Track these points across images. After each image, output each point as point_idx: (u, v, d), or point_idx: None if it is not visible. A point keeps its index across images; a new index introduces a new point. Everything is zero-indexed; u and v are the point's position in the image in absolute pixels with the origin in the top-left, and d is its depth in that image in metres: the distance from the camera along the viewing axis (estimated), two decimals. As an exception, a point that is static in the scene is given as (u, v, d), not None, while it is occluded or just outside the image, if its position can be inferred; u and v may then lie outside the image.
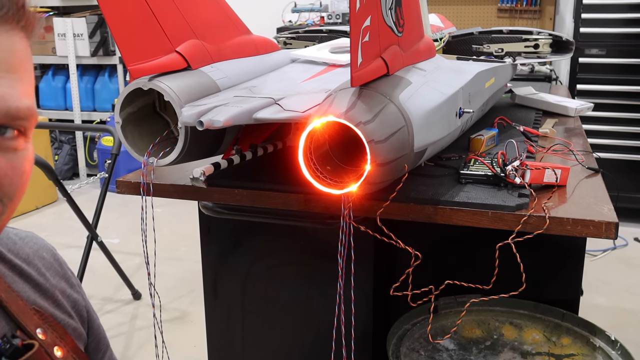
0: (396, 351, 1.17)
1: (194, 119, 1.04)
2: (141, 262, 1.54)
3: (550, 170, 1.14)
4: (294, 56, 1.51)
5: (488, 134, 1.42)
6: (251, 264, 1.50)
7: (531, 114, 1.83)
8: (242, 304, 1.53)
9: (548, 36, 1.79)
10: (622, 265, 3.27)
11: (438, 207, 1.08)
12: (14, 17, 0.50)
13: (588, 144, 1.54)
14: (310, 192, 1.04)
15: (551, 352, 1.20)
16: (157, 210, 1.19)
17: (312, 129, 0.97)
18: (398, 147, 0.96)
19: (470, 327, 1.27)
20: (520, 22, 4.15)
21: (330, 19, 4.42)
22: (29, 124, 0.55)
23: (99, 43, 4.81)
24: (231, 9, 1.37)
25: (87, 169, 5.09)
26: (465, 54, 1.82)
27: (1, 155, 0.53)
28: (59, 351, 0.65)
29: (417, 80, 1.09)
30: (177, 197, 1.24)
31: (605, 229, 1.01)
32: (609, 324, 1.28)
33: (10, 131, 0.53)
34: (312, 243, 1.42)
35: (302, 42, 2.01)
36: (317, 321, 1.32)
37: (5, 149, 0.53)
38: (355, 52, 0.91)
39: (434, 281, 1.09)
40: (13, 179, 0.54)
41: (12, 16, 0.50)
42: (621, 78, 3.64)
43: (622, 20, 3.61)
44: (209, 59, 1.25)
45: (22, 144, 0.55)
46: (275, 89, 1.23)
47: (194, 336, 2.60)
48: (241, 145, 1.22)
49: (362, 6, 0.92)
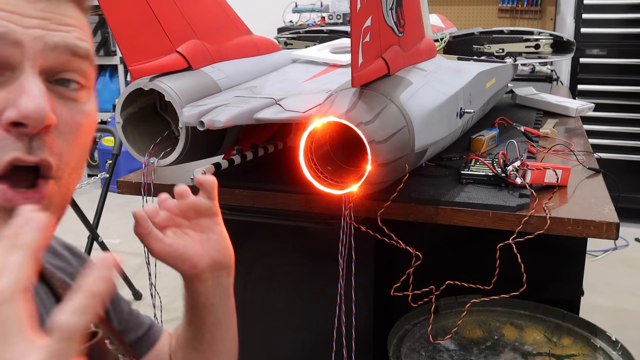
0: (397, 351, 1.17)
1: (194, 119, 1.04)
2: (142, 262, 1.55)
3: (551, 170, 1.14)
4: (294, 56, 1.51)
5: (489, 134, 1.42)
6: (252, 264, 1.50)
7: (532, 114, 1.83)
8: (243, 304, 1.52)
9: (549, 36, 1.79)
10: (623, 266, 3.26)
11: (439, 208, 1.08)
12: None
13: (589, 144, 1.54)
14: (311, 192, 1.04)
15: (552, 353, 1.19)
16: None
17: (313, 129, 0.97)
18: (399, 148, 0.96)
19: (471, 328, 1.27)
20: (521, 22, 4.14)
21: (331, 19, 4.42)
22: (88, 68, 0.56)
23: (99, 43, 4.81)
24: (232, 9, 1.37)
25: (88, 169, 5.09)
26: (466, 54, 1.82)
27: (62, 104, 0.54)
28: (110, 345, 0.67)
29: (418, 81, 1.09)
30: (177, 197, 1.23)
31: (606, 229, 1.01)
32: (609, 325, 1.28)
33: (72, 84, 0.55)
34: (312, 243, 1.42)
35: (302, 42, 2.01)
36: (318, 321, 1.32)
37: (66, 99, 0.55)
38: (356, 52, 0.91)
39: (434, 281, 1.09)
40: (72, 128, 0.55)
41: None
42: (622, 78, 3.64)
43: (622, 21, 3.61)
44: (210, 59, 1.25)
45: (83, 97, 0.57)
46: (276, 89, 1.23)
47: (195, 336, 2.60)
48: (242, 145, 1.23)
49: (363, 6, 0.92)
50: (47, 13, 0.52)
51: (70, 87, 0.55)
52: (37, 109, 0.50)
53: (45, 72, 0.53)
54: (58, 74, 0.54)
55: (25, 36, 0.51)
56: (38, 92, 0.51)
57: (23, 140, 0.51)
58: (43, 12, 0.52)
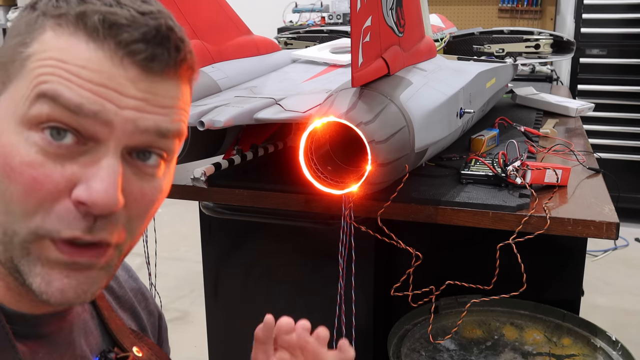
0: (397, 351, 1.17)
1: (194, 119, 1.04)
2: (142, 262, 1.55)
3: (551, 170, 1.14)
4: (294, 56, 1.51)
5: (489, 134, 1.42)
6: (252, 264, 1.50)
7: (532, 114, 1.83)
8: (243, 304, 1.53)
9: (549, 36, 1.79)
10: (623, 266, 3.26)
11: (439, 208, 1.08)
12: (170, 69, 0.52)
13: (589, 144, 1.54)
14: (311, 192, 1.04)
15: (552, 353, 1.20)
16: (157, 211, 1.19)
17: (313, 129, 0.97)
18: (399, 148, 0.96)
19: (471, 328, 1.27)
20: (521, 22, 4.14)
21: (331, 19, 4.42)
22: (175, 146, 0.56)
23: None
24: (232, 9, 1.37)
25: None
26: (466, 54, 1.82)
27: (136, 180, 0.53)
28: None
29: (418, 81, 1.09)
30: (178, 197, 1.24)
31: (606, 229, 1.01)
32: (609, 325, 1.28)
33: (154, 158, 0.54)
34: (312, 243, 1.42)
35: (302, 42, 2.01)
36: (317, 321, 1.31)
37: (142, 175, 0.54)
38: (356, 52, 0.91)
39: (434, 281, 1.09)
40: (141, 205, 0.54)
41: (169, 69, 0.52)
42: (622, 78, 3.64)
43: (622, 21, 3.61)
44: (210, 59, 1.25)
45: (160, 172, 0.55)
46: (276, 89, 1.23)
47: (195, 336, 2.60)
48: (242, 145, 1.23)
49: (363, 6, 0.92)
50: (148, 94, 0.51)
51: (149, 162, 0.54)
52: (107, 198, 0.49)
53: (128, 149, 0.52)
54: (141, 150, 0.53)
55: (118, 117, 0.50)
56: (113, 180, 0.50)
57: (88, 219, 0.51)
58: (144, 93, 0.51)
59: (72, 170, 0.50)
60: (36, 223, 0.50)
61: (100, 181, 0.49)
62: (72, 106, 0.48)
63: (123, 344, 0.67)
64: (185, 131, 0.56)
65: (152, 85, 0.52)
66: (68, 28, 0.50)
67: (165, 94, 0.53)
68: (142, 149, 0.53)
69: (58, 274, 0.52)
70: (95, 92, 0.49)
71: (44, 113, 0.49)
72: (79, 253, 0.52)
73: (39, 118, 0.49)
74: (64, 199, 0.50)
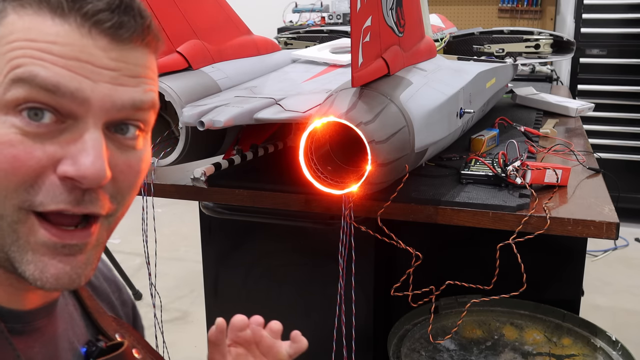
0: (397, 351, 1.17)
1: (194, 119, 1.04)
2: (142, 262, 1.53)
3: (551, 170, 1.14)
4: (294, 56, 1.51)
5: (489, 134, 1.42)
6: (252, 264, 1.50)
7: (532, 114, 1.83)
8: (243, 304, 1.53)
9: (549, 36, 1.79)
10: (623, 266, 3.26)
11: (439, 208, 1.08)
12: (138, 36, 0.53)
13: (589, 144, 1.54)
14: (311, 192, 1.04)
15: (552, 353, 1.20)
16: (157, 211, 1.19)
17: (313, 129, 0.97)
18: (399, 148, 0.96)
19: (471, 328, 1.27)
20: (521, 22, 4.14)
21: (331, 19, 4.42)
22: (150, 116, 0.57)
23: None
24: (232, 9, 1.37)
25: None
26: (466, 54, 1.82)
27: (119, 154, 0.54)
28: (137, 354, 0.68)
29: (418, 81, 1.09)
30: (178, 197, 1.24)
31: (606, 229, 1.01)
32: (609, 325, 1.28)
33: (132, 129, 0.55)
34: (312, 243, 1.42)
35: (302, 42, 2.01)
36: (317, 321, 1.31)
37: (124, 147, 0.55)
38: (356, 52, 0.91)
39: (434, 281, 1.09)
40: (127, 176, 0.56)
41: (136, 36, 0.53)
42: (622, 78, 3.64)
43: (622, 21, 3.61)
44: (210, 59, 1.25)
45: (140, 143, 0.57)
46: (276, 89, 1.23)
47: (195, 336, 2.60)
48: (242, 145, 1.23)
49: (363, 6, 0.92)
50: (120, 63, 0.52)
51: (129, 134, 0.55)
52: (96, 171, 0.50)
53: (107, 124, 0.53)
54: (119, 124, 0.54)
55: (94, 94, 0.51)
56: (99, 152, 0.51)
57: (75, 193, 0.51)
58: (116, 62, 0.52)
59: (53, 149, 0.50)
60: (20, 197, 0.50)
61: (87, 155, 0.50)
62: (50, 85, 0.49)
63: (107, 332, 0.68)
64: (157, 102, 0.57)
65: (122, 55, 0.52)
66: (31, 7, 0.50)
67: (135, 62, 0.54)
68: (120, 123, 0.54)
69: (51, 259, 0.52)
70: (69, 67, 0.50)
71: (20, 96, 0.49)
72: (69, 235, 0.52)
73: (16, 102, 0.49)
74: (48, 175, 0.51)
